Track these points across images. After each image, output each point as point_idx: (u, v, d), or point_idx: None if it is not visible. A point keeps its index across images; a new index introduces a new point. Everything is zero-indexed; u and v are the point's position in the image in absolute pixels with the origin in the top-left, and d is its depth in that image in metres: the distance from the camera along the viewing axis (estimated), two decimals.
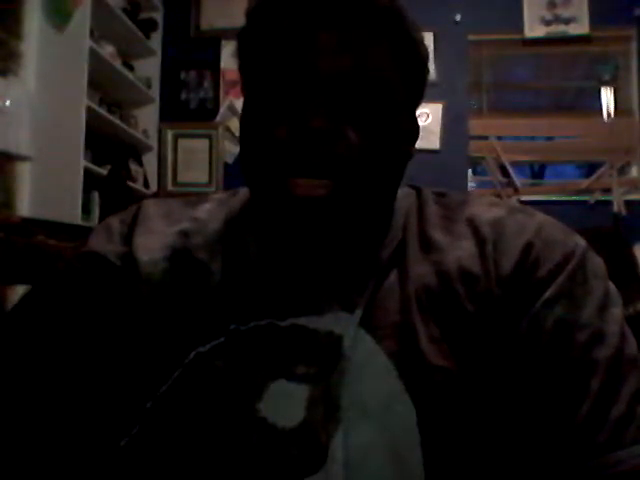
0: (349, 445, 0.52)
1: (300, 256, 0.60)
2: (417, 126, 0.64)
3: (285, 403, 0.54)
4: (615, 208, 3.28)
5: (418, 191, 0.67)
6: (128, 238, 0.64)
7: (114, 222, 0.67)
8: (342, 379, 0.54)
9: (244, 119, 0.59)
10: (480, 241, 0.59)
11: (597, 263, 0.59)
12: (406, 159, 0.62)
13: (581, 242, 0.59)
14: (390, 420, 0.53)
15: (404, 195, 0.65)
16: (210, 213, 0.67)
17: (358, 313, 0.57)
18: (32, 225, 2.03)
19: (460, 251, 0.59)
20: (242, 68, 0.61)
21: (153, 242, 0.63)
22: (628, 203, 3.29)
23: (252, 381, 0.55)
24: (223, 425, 0.54)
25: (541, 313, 0.55)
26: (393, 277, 0.59)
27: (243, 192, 0.68)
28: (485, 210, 0.62)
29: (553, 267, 0.56)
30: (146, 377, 0.57)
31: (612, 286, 0.58)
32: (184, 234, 0.64)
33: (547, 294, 0.55)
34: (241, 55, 0.61)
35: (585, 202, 3.35)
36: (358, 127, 0.54)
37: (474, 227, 0.60)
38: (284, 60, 0.55)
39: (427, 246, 0.60)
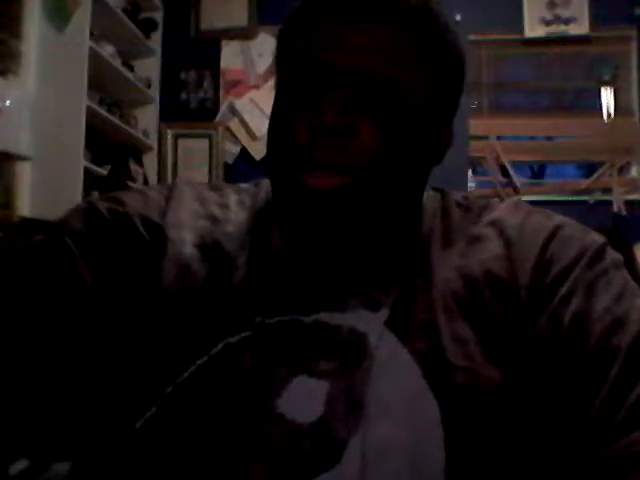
0: (367, 442, 0.52)
1: (318, 249, 0.60)
2: (449, 131, 0.63)
3: (305, 398, 0.54)
4: (615, 208, 3.28)
5: (442, 194, 0.67)
6: (163, 212, 0.62)
7: (151, 191, 0.65)
8: (367, 377, 0.54)
9: (270, 115, 0.59)
10: (506, 243, 0.59)
11: (616, 257, 0.59)
12: (431, 163, 0.61)
13: (599, 239, 0.59)
14: (413, 418, 0.53)
15: (427, 198, 0.65)
16: (236, 202, 0.67)
17: (384, 312, 0.57)
18: (32, 225, 2.03)
19: (484, 254, 0.59)
20: (277, 65, 0.62)
21: (184, 221, 0.62)
22: (628, 203, 3.29)
23: (274, 375, 0.55)
24: (240, 417, 0.53)
25: (559, 309, 0.55)
26: (419, 279, 0.59)
27: (265, 184, 0.68)
28: (509, 213, 0.62)
29: (568, 262, 0.57)
30: (168, 362, 0.56)
31: (631, 279, 0.58)
32: (213, 219, 0.64)
33: (563, 290, 0.55)
34: (277, 53, 0.62)
35: (585, 202, 3.34)
36: (375, 126, 0.54)
37: (499, 230, 0.60)
38: (305, 56, 0.56)
39: (451, 250, 0.60)
